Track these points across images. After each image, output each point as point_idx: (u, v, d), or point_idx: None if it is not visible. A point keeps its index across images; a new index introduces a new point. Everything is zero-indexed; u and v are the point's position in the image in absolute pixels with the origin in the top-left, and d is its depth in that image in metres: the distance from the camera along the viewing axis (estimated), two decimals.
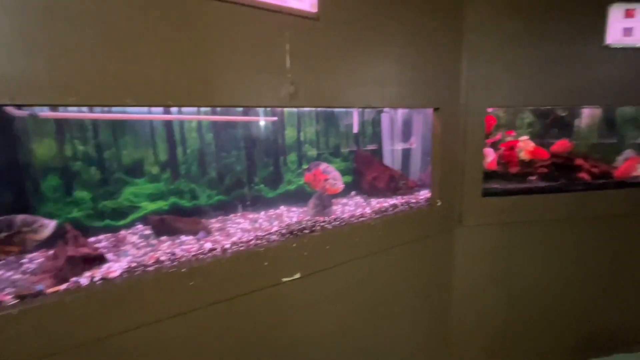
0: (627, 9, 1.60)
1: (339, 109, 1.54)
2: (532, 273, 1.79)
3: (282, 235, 1.18)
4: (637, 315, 1.95)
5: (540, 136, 1.93)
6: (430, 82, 1.44)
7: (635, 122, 2.08)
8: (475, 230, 1.68)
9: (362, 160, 1.67)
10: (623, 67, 1.66)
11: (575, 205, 1.74)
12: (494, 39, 1.54)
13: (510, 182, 1.83)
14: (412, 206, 1.55)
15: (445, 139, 1.52)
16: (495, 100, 1.60)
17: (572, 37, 1.61)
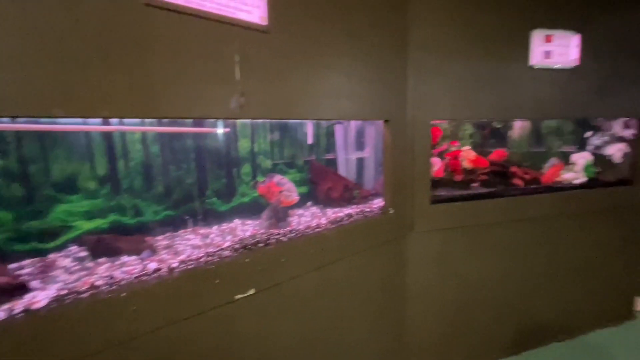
0: (546, 35, 1.82)
1: (293, 120, 1.55)
2: (476, 273, 1.92)
3: (235, 250, 1.14)
4: (569, 307, 2.18)
5: (480, 146, 2.10)
6: (380, 95, 1.51)
7: (558, 133, 2.35)
8: (426, 236, 1.77)
9: (317, 171, 1.68)
10: (545, 86, 1.88)
11: (510, 209, 1.91)
12: (437, 57, 1.66)
13: (455, 189, 1.96)
14: (366, 215, 1.60)
15: (395, 149, 1.59)
16: (439, 113, 1.71)
17: (504, 57, 1.79)
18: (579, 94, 1.96)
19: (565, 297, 2.17)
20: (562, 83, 1.91)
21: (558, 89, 1.91)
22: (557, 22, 1.84)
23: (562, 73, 1.90)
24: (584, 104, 1.98)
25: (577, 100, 1.96)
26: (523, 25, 1.79)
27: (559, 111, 1.95)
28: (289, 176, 1.64)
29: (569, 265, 2.13)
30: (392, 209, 1.61)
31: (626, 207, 2.20)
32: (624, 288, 2.36)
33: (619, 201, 2.17)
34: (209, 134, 1.42)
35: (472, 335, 1.97)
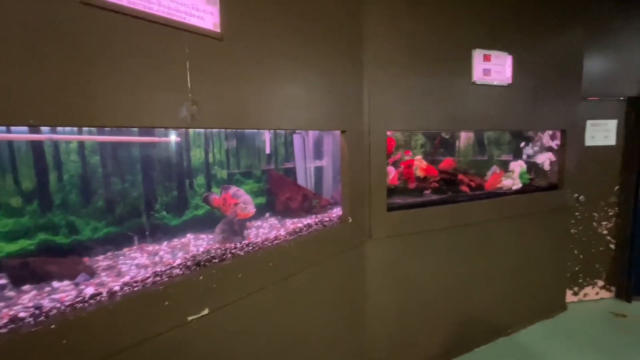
0: (484, 54, 1.99)
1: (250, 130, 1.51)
2: (430, 275, 2.01)
3: (187, 268, 1.07)
4: (512, 303, 2.36)
5: (431, 155, 2.22)
6: (337, 106, 1.53)
7: (498, 143, 2.57)
8: (383, 242, 1.82)
9: (276, 181, 1.66)
10: (485, 100, 2.05)
11: (458, 215, 2.03)
12: (391, 71, 1.73)
13: (409, 196, 2.04)
14: (325, 224, 1.59)
15: (352, 159, 1.62)
16: (393, 124, 1.79)
17: (450, 73, 1.92)
18: (513, 109, 2.16)
19: (508, 295, 2.35)
20: (499, 98, 2.10)
21: (496, 103, 2.09)
22: (494, 43, 2.03)
23: (499, 89, 2.09)
24: (518, 117, 2.20)
25: (512, 114, 2.17)
26: (465, 44, 1.95)
27: (497, 123, 2.14)
28: (246, 187, 1.59)
29: (509, 265, 2.32)
30: (351, 218, 1.63)
31: (555, 209, 2.46)
32: (557, 282, 2.62)
33: (549, 204, 2.42)
34: (159, 144, 1.33)
35: (428, 336, 2.04)
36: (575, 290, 2.83)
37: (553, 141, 2.50)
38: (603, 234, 2.81)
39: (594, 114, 2.69)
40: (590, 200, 2.75)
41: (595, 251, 2.82)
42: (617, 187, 2.77)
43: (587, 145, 2.70)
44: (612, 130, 2.72)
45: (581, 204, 2.73)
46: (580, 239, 2.78)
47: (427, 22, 1.82)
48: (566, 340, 2.31)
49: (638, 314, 2.61)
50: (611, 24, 2.55)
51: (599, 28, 2.52)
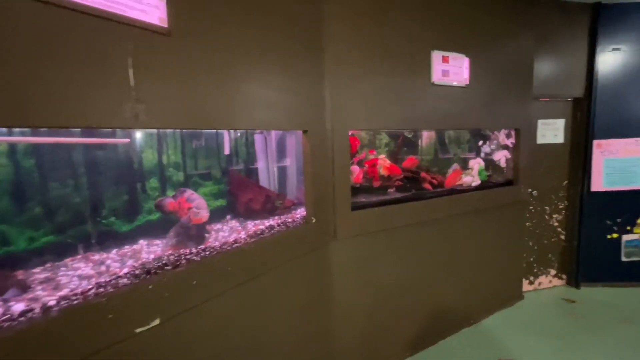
0: (443, 55, 2.05)
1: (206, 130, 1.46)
2: (394, 273, 2.04)
3: (135, 277, 1.01)
4: (473, 295, 2.47)
5: (394, 154, 2.26)
6: (298, 105, 1.51)
7: (458, 142, 2.67)
8: (348, 242, 1.82)
9: (237, 182, 1.61)
10: (444, 101, 2.12)
11: (421, 212, 2.09)
12: (352, 71, 1.74)
13: (374, 195, 2.07)
14: (289, 225, 1.57)
15: (315, 159, 1.61)
16: (356, 124, 1.80)
17: (410, 74, 1.96)
18: (471, 108, 2.25)
19: (470, 287, 2.45)
20: (458, 99, 2.18)
21: (455, 103, 2.17)
22: (452, 45, 2.10)
23: (458, 90, 2.17)
24: (475, 116, 2.29)
25: (470, 114, 2.26)
26: (425, 46, 2.00)
27: (456, 123, 2.22)
28: (205, 189, 1.54)
29: (470, 258, 2.42)
30: (315, 218, 1.62)
31: (511, 204, 2.60)
32: (514, 273, 2.77)
33: (505, 199, 2.55)
34: (107, 145, 1.24)
35: (395, 333, 2.08)
36: (531, 279, 3.00)
37: (508, 139, 2.64)
38: (554, 226, 3.01)
39: (545, 114, 2.87)
40: (542, 195, 2.93)
41: (548, 242, 3.02)
42: (566, 181, 2.98)
43: (539, 143, 2.87)
44: (560, 129, 2.92)
45: (534, 198, 2.91)
46: (534, 231, 2.96)
47: (387, 23, 1.85)
48: (524, 327, 2.45)
49: (585, 298, 2.82)
50: (558, 31, 2.73)
51: (547, 33, 2.69)
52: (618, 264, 2.97)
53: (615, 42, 2.75)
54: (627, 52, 2.75)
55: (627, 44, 2.74)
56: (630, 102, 2.80)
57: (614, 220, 2.93)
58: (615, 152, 2.86)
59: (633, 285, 2.96)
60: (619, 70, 2.77)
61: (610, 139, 2.84)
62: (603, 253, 2.96)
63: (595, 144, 2.84)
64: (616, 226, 2.94)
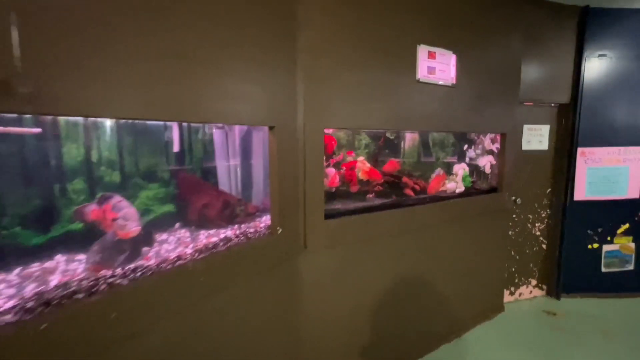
0: (429, 51, 1.88)
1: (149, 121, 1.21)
2: (372, 286, 1.85)
3: (26, 311, 0.76)
4: (454, 308, 2.32)
5: (374, 156, 2.07)
6: (263, 97, 1.29)
7: (442, 145, 2.52)
8: (321, 254, 1.62)
9: (189, 185, 1.37)
10: (430, 100, 1.95)
11: (402, 220, 1.91)
12: (329, 63, 1.53)
13: (351, 200, 1.87)
14: (250, 237, 1.35)
15: (283, 160, 1.39)
16: (331, 122, 1.59)
17: (394, 69, 1.77)
18: (457, 110, 2.10)
19: (451, 299, 2.30)
20: (444, 99, 2.02)
21: (441, 103, 2.01)
22: (439, 40, 1.94)
23: (444, 89, 2.01)
24: (461, 119, 2.14)
25: (456, 115, 2.10)
26: (410, 39, 1.82)
27: (442, 124, 2.06)
28: (149, 192, 1.29)
29: (452, 269, 2.27)
30: (281, 228, 1.40)
31: (494, 212, 2.47)
32: (495, 284, 2.65)
33: (489, 207, 2.42)
34: (8, 136, 0.97)
35: (370, 352, 1.89)
36: (511, 290, 2.90)
37: (493, 144, 2.51)
38: (536, 235, 2.92)
39: (530, 119, 2.77)
40: (525, 203, 2.83)
41: (530, 251, 2.92)
42: (549, 190, 2.90)
43: (524, 149, 2.77)
44: (545, 135, 2.83)
45: (518, 206, 2.80)
46: (517, 240, 2.86)
47: (369, 11, 1.65)
48: (505, 341, 2.32)
49: (566, 311, 2.74)
50: (546, 33, 2.63)
51: (535, 35, 2.58)
52: (598, 274, 2.92)
53: (602, 48, 2.68)
54: (613, 59, 2.69)
55: (614, 50, 2.68)
56: (614, 111, 2.74)
57: (595, 230, 2.87)
58: (599, 160, 2.80)
59: (612, 296, 2.91)
60: (605, 78, 2.71)
61: (594, 147, 2.77)
62: (584, 263, 2.90)
63: (580, 152, 2.77)
64: (597, 236, 2.88)
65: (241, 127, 1.59)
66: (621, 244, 2.90)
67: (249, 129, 1.60)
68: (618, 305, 2.79)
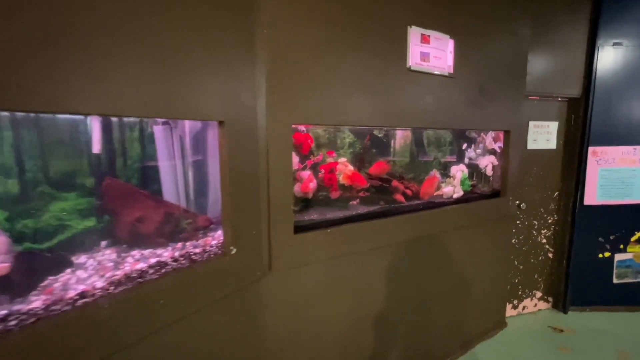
0: (422, 34, 1.61)
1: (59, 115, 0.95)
2: (351, 308, 1.59)
3: None
4: (450, 328, 2.06)
5: (360, 157, 1.81)
6: (208, 84, 1.02)
7: (439, 144, 2.26)
8: (291, 275, 1.35)
9: (118, 194, 1.10)
10: (423, 92, 1.68)
11: (390, 231, 1.65)
12: (299, 44, 1.26)
13: (332, 208, 1.61)
14: (194, 259, 1.09)
15: (237, 163, 1.13)
16: (302, 116, 1.32)
17: (381, 55, 1.50)
18: (454, 104, 1.83)
19: (447, 318, 2.04)
20: (440, 90, 1.75)
21: (436, 96, 1.73)
22: (434, 22, 1.66)
23: (440, 80, 1.74)
24: (460, 114, 1.87)
25: (453, 110, 1.83)
26: (400, 19, 1.55)
27: (436, 121, 1.79)
28: (65, 204, 1.02)
29: (448, 284, 2.01)
30: (235, 248, 1.14)
31: (497, 219, 2.21)
32: (497, 298, 2.39)
33: (491, 213, 2.16)
34: None
35: None
36: (514, 303, 2.64)
37: (496, 143, 2.24)
38: (542, 243, 2.66)
39: (536, 115, 2.50)
40: (530, 207, 2.57)
41: (535, 261, 2.66)
42: (557, 193, 2.63)
43: (530, 149, 2.51)
44: (553, 133, 2.56)
45: (522, 212, 2.54)
46: (521, 249, 2.60)
47: None
48: None
49: (575, 326, 2.48)
50: (555, 19, 2.35)
51: (543, 22, 2.31)
52: (609, 286, 2.66)
53: (618, 36, 2.40)
54: (629, 48, 2.41)
55: (631, 38, 2.40)
56: (630, 106, 2.46)
57: (607, 237, 2.61)
58: (612, 161, 2.53)
59: (624, 310, 2.66)
60: (620, 69, 2.43)
61: (607, 147, 2.50)
62: (594, 274, 2.64)
63: (591, 152, 2.50)
64: (609, 244, 2.62)
65: (194, 122, 1.32)
66: (635, 253, 2.64)
67: (205, 124, 1.33)
68: (632, 320, 2.54)
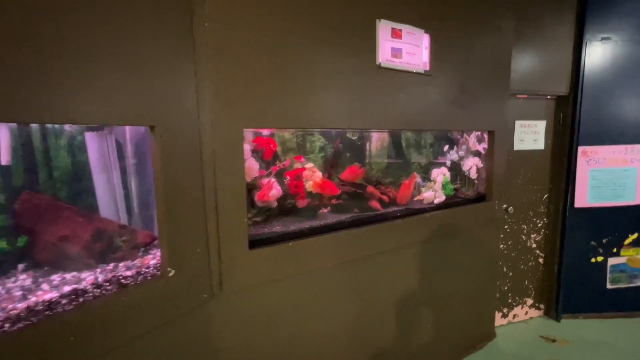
0: (393, 28, 1.49)
1: None
2: (326, 329, 1.46)
3: None
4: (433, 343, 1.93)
5: (331, 162, 1.68)
6: (134, 88, 0.90)
7: (419, 147, 2.14)
8: (246, 295, 1.22)
9: (38, 211, 0.97)
10: (395, 91, 1.56)
11: (365, 242, 1.52)
12: (249, 36, 1.14)
13: (299, 218, 1.48)
14: (124, 282, 0.95)
15: (174, 173, 1.00)
16: (256, 120, 1.20)
17: (347, 50, 1.38)
18: (431, 103, 1.71)
19: (429, 332, 1.91)
20: (415, 89, 1.63)
21: (410, 95, 1.61)
22: (406, 15, 1.54)
23: (414, 78, 1.62)
24: (437, 114, 1.75)
25: (430, 111, 1.71)
26: (368, 11, 1.43)
27: (411, 122, 1.66)
28: None
29: (431, 296, 1.88)
30: (173, 269, 1.01)
31: (483, 224, 2.09)
32: (485, 308, 2.27)
33: (476, 219, 2.04)
34: None
35: None
36: (504, 312, 2.52)
37: (480, 144, 2.13)
38: (532, 248, 2.54)
39: (523, 114, 2.39)
40: (519, 211, 2.45)
41: (525, 267, 2.54)
42: (546, 196, 2.52)
43: (517, 149, 2.39)
44: (541, 133, 2.45)
45: (510, 216, 2.42)
46: (510, 255, 2.48)
47: None
48: None
49: (568, 335, 2.36)
50: (541, 13, 2.25)
51: (528, 16, 2.20)
52: (603, 291, 2.54)
53: (606, 31, 2.29)
54: (618, 43, 2.31)
55: (619, 32, 2.30)
56: (620, 103, 2.36)
57: (600, 241, 2.50)
58: (603, 161, 2.42)
59: (619, 317, 2.54)
60: (609, 65, 2.33)
61: (597, 146, 2.39)
62: (586, 279, 2.52)
63: (581, 152, 2.39)
64: (602, 248, 2.50)
65: (136, 128, 1.19)
66: (629, 257, 2.53)
67: (147, 130, 1.20)
68: (627, 328, 2.42)
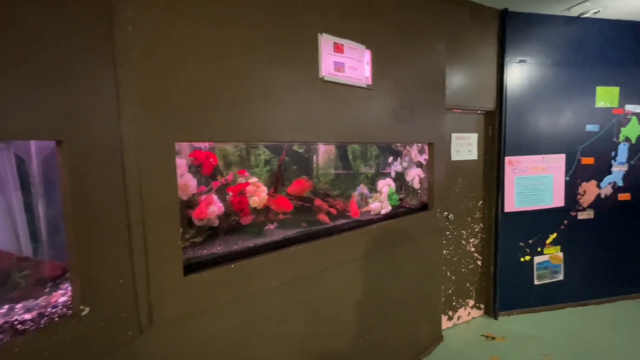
0: (335, 42, 1.50)
1: None
2: (274, 350, 1.38)
3: None
4: (384, 354, 1.93)
5: (277, 176, 1.63)
6: (39, 96, 0.76)
7: (365, 158, 2.18)
8: (182, 327, 1.10)
9: None
10: (339, 105, 1.57)
11: (310, 258, 1.48)
12: (178, 46, 1.06)
13: (243, 236, 1.40)
14: (19, 329, 0.79)
15: (89, 192, 0.87)
16: (191, 133, 1.11)
17: (289, 62, 1.35)
18: (374, 117, 1.75)
19: (380, 344, 1.92)
20: (358, 103, 1.65)
21: (354, 109, 1.64)
22: (348, 31, 1.57)
23: (358, 92, 1.65)
24: (380, 127, 1.80)
25: (373, 124, 1.75)
26: (309, 24, 1.42)
27: (355, 134, 1.68)
28: None
29: (379, 308, 1.89)
30: (87, 306, 0.86)
31: (427, 232, 2.18)
32: (432, 313, 2.35)
33: (420, 228, 2.12)
34: None
35: None
36: (449, 314, 2.64)
37: (422, 156, 2.23)
38: (471, 252, 2.72)
39: (458, 127, 2.58)
40: (458, 218, 2.61)
41: (466, 270, 2.70)
42: (481, 202, 2.72)
43: (454, 160, 2.56)
44: (474, 144, 2.65)
45: (451, 223, 2.57)
46: (452, 259, 2.62)
47: None
48: None
49: (504, 332, 2.54)
50: (469, 35, 2.46)
51: (458, 37, 2.39)
52: (531, 288, 2.79)
53: (522, 54, 2.59)
54: (532, 65, 2.61)
55: (533, 56, 2.60)
56: (536, 118, 2.66)
57: (527, 242, 2.76)
58: (525, 169, 2.69)
59: (546, 310, 2.81)
60: (526, 84, 2.62)
61: (520, 156, 2.66)
62: (518, 277, 2.76)
63: (507, 161, 2.63)
64: (529, 248, 2.76)
65: (44, 144, 1.03)
66: (550, 255, 2.82)
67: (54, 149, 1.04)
68: (553, 320, 2.68)
